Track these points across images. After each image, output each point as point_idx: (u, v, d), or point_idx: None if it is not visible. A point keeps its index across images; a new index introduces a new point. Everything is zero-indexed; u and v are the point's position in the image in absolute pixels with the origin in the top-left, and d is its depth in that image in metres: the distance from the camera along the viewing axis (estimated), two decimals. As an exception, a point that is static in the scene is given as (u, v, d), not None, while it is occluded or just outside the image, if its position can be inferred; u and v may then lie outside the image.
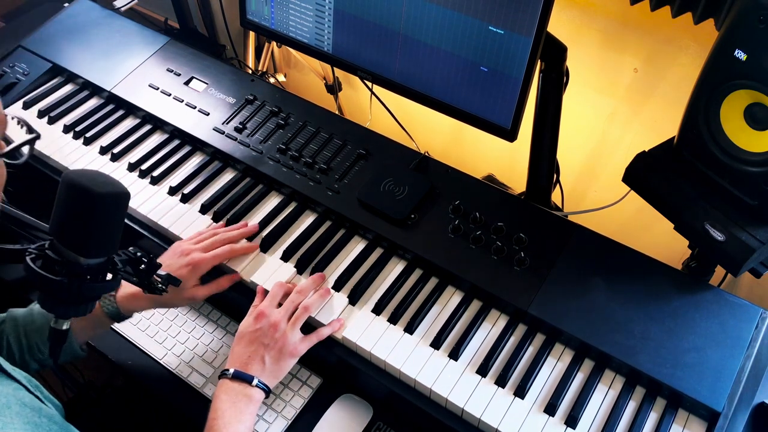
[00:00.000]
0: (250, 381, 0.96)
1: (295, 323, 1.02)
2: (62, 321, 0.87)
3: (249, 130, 1.30)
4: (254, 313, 1.03)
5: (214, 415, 0.93)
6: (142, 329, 1.18)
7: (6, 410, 0.68)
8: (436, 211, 1.16)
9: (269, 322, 1.01)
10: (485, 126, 1.14)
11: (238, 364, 0.98)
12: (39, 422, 0.71)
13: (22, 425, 0.68)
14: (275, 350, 0.99)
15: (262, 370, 0.98)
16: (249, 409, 0.95)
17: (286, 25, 1.31)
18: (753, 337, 0.98)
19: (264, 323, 1.01)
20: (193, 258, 1.08)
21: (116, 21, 1.54)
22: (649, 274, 1.06)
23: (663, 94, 1.46)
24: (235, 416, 0.93)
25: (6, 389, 0.71)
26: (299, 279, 1.12)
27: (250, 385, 0.96)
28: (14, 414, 0.68)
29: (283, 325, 1.01)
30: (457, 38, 1.09)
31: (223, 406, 0.94)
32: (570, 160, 1.62)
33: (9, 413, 0.68)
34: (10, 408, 0.69)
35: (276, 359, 0.99)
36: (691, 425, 0.95)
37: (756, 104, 0.91)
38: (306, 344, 1.02)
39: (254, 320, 1.02)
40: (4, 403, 0.69)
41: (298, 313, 1.03)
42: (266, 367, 0.98)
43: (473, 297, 1.09)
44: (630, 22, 1.40)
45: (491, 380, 1.00)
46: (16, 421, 0.68)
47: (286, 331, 1.01)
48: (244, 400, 0.95)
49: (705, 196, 1.00)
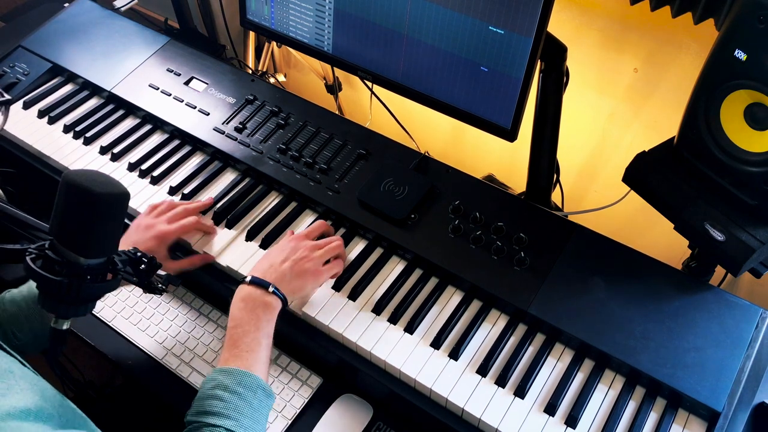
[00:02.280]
0: (267, 287, 0.98)
1: (324, 253, 1.07)
2: (62, 321, 0.87)
3: (249, 130, 1.30)
4: (293, 236, 1.09)
5: (233, 324, 0.94)
6: (142, 329, 1.18)
7: (9, 374, 0.69)
8: (436, 211, 1.16)
9: (300, 242, 1.06)
10: (485, 126, 1.14)
11: (259, 272, 1.01)
12: (43, 386, 0.72)
13: (29, 386, 0.69)
14: (299, 265, 1.02)
15: (281, 279, 1.00)
16: (267, 317, 0.96)
17: (286, 25, 1.31)
18: (753, 337, 0.98)
19: (295, 242, 1.06)
20: (159, 230, 1.09)
21: (116, 21, 1.54)
22: (649, 274, 1.06)
23: (663, 94, 1.46)
24: (253, 323, 0.94)
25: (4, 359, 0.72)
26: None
27: (266, 291, 0.98)
28: (18, 377, 0.69)
29: (312, 247, 1.06)
30: (457, 38, 1.09)
31: (240, 314, 0.95)
32: (570, 160, 1.62)
33: (12, 377, 0.69)
34: (13, 372, 0.70)
35: (298, 274, 1.02)
36: (691, 425, 0.95)
37: (756, 104, 0.91)
38: (328, 271, 1.06)
39: (288, 240, 1.07)
40: (6, 369, 0.70)
41: (330, 248, 1.08)
42: (285, 278, 1.00)
43: (473, 297, 1.09)
44: (630, 22, 1.40)
45: (491, 380, 1.00)
46: (22, 383, 0.68)
47: (313, 252, 1.05)
48: (262, 307, 0.96)
49: (705, 196, 1.00)
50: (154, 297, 1.21)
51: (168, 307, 1.21)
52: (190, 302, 1.21)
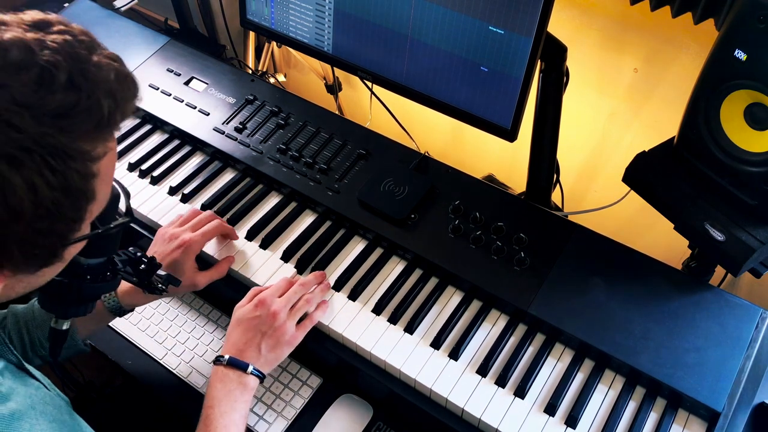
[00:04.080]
0: (245, 368, 0.95)
1: (295, 314, 1.02)
2: (62, 321, 0.87)
3: (249, 130, 1.30)
4: (255, 301, 1.01)
5: (210, 404, 0.93)
6: (142, 329, 1.18)
7: (30, 411, 0.68)
8: (436, 211, 1.16)
9: (269, 310, 0.99)
10: (485, 126, 1.14)
11: (234, 350, 0.97)
12: (62, 419, 0.71)
13: (48, 424, 0.68)
14: (273, 339, 0.98)
15: (257, 357, 0.97)
16: (244, 397, 0.95)
17: (286, 25, 1.31)
18: (753, 337, 0.98)
19: (264, 311, 0.99)
20: (183, 239, 1.07)
21: (116, 21, 1.54)
22: (649, 274, 1.06)
23: (663, 94, 1.46)
24: (229, 404, 0.93)
25: (29, 389, 0.71)
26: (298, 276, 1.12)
27: (245, 373, 0.95)
28: (38, 414, 0.69)
29: (283, 315, 1.00)
30: (457, 38, 1.09)
31: (218, 394, 0.93)
32: (570, 160, 1.62)
33: (34, 413, 0.68)
34: (35, 408, 0.70)
35: (272, 347, 0.98)
36: (691, 425, 0.95)
37: (756, 104, 0.91)
38: (301, 332, 1.02)
39: (254, 307, 1.00)
40: (28, 404, 0.69)
41: (300, 305, 1.03)
42: (262, 355, 0.98)
43: (473, 297, 1.09)
44: (630, 22, 1.40)
45: (491, 380, 1.00)
46: (41, 421, 0.68)
47: (285, 321, 1.00)
48: (240, 389, 0.95)
49: (705, 196, 1.00)
50: (154, 297, 1.21)
51: (168, 307, 1.21)
52: (190, 302, 1.21)
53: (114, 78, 0.64)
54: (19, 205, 0.57)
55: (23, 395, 0.69)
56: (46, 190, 0.58)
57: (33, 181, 0.57)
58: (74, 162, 0.60)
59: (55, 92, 0.59)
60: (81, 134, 0.61)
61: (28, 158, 0.57)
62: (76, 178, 0.61)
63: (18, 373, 0.73)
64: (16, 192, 0.56)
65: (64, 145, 0.59)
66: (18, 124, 0.56)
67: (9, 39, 0.59)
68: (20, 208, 0.57)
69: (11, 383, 0.70)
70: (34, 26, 0.61)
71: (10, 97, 0.56)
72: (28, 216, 0.58)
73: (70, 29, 0.63)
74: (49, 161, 0.58)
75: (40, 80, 0.58)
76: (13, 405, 0.67)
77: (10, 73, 0.57)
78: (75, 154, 0.60)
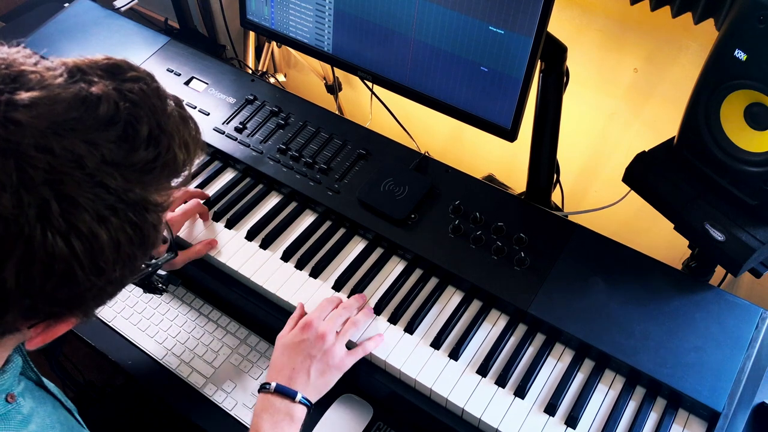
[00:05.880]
0: (294, 396, 0.90)
1: (343, 336, 0.98)
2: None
3: (249, 130, 1.30)
4: (300, 323, 0.97)
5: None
6: (142, 329, 1.18)
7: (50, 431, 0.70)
8: (436, 211, 1.16)
9: (317, 333, 0.95)
10: (485, 126, 1.14)
11: (281, 377, 0.92)
12: None
13: None
14: (322, 363, 0.94)
15: (306, 383, 0.92)
16: (291, 430, 0.89)
17: (286, 25, 1.31)
18: (753, 337, 0.98)
19: (311, 334, 0.95)
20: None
21: (116, 21, 1.54)
22: (649, 274, 1.06)
23: (663, 94, 1.46)
24: None
25: (47, 408, 0.72)
26: (298, 275, 1.12)
27: (293, 401, 0.90)
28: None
29: (332, 338, 0.96)
30: (457, 38, 1.09)
31: (265, 426, 0.88)
32: (570, 160, 1.62)
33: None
34: (54, 428, 0.71)
35: (322, 372, 0.94)
36: (691, 425, 0.95)
37: (756, 104, 0.91)
38: (352, 358, 0.98)
39: (301, 330, 0.96)
40: (48, 425, 0.70)
41: (347, 327, 1.00)
42: (311, 381, 0.93)
43: (473, 297, 1.09)
44: (630, 22, 1.40)
45: (491, 380, 1.00)
46: None
47: (334, 343, 0.96)
48: (287, 420, 0.89)
49: (705, 196, 1.00)
50: (154, 297, 1.21)
51: (168, 307, 1.21)
52: (190, 302, 1.21)
53: (183, 127, 0.63)
54: (104, 262, 0.56)
55: (42, 415, 0.70)
56: (127, 246, 0.57)
57: (118, 238, 0.56)
58: (150, 215, 0.59)
59: (138, 148, 0.57)
60: (158, 187, 0.59)
61: (114, 215, 0.55)
62: (151, 230, 0.59)
63: (37, 391, 0.74)
64: (104, 251, 0.55)
65: (143, 199, 0.57)
66: (109, 184, 0.54)
67: (96, 92, 0.56)
68: (105, 265, 0.56)
69: (32, 404, 0.70)
70: (108, 73, 0.59)
71: (100, 156, 0.54)
72: (109, 271, 0.57)
73: (140, 75, 0.61)
74: (131, 217, 0.56)
75: (125, 136, 0.56)
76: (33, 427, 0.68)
77: (100, 130, 0.55)
78: (151, 207, 0.59)
